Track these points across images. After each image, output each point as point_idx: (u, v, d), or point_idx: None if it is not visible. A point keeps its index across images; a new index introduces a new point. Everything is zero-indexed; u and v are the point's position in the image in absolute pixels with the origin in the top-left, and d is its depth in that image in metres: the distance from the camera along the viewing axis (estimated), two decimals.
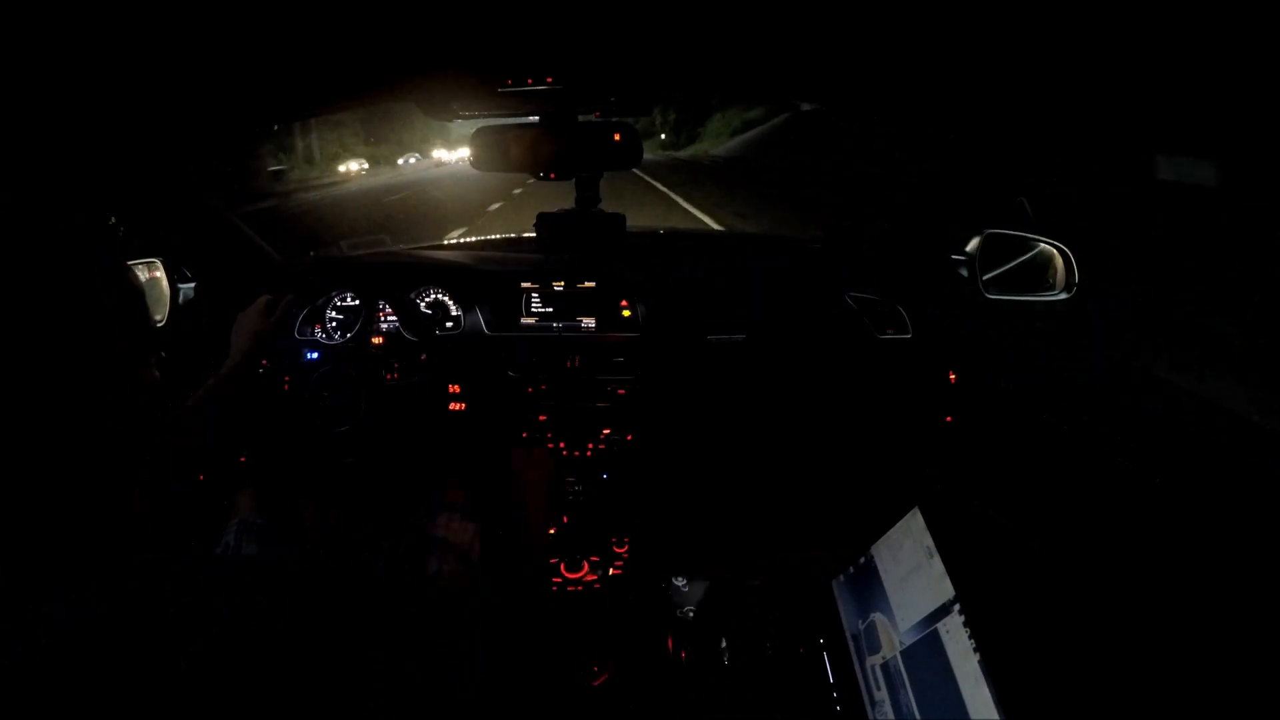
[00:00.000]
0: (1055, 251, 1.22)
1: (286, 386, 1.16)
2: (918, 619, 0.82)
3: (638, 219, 1.55)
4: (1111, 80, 0.70)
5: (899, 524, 0.92)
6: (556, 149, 1.07)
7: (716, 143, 24.35)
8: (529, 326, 1.34)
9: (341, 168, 23.43)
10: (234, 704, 0.41)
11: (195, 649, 0.41)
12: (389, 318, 1.36)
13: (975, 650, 0.71)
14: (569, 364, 1.31)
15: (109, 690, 0.39)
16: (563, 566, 1.12)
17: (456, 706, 0.54)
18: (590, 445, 1.34)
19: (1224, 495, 0.72)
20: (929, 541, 0.84)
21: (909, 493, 0.90)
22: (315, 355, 1.19)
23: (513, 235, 1.71)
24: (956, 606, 0.76)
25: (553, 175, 1.11)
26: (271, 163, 17.94)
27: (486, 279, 1.36)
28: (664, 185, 12.83)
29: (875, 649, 0.88)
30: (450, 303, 1.38)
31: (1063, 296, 1.20)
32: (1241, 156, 0.75)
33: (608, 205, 1.18)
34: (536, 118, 1.07)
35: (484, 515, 1.20)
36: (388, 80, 0.92)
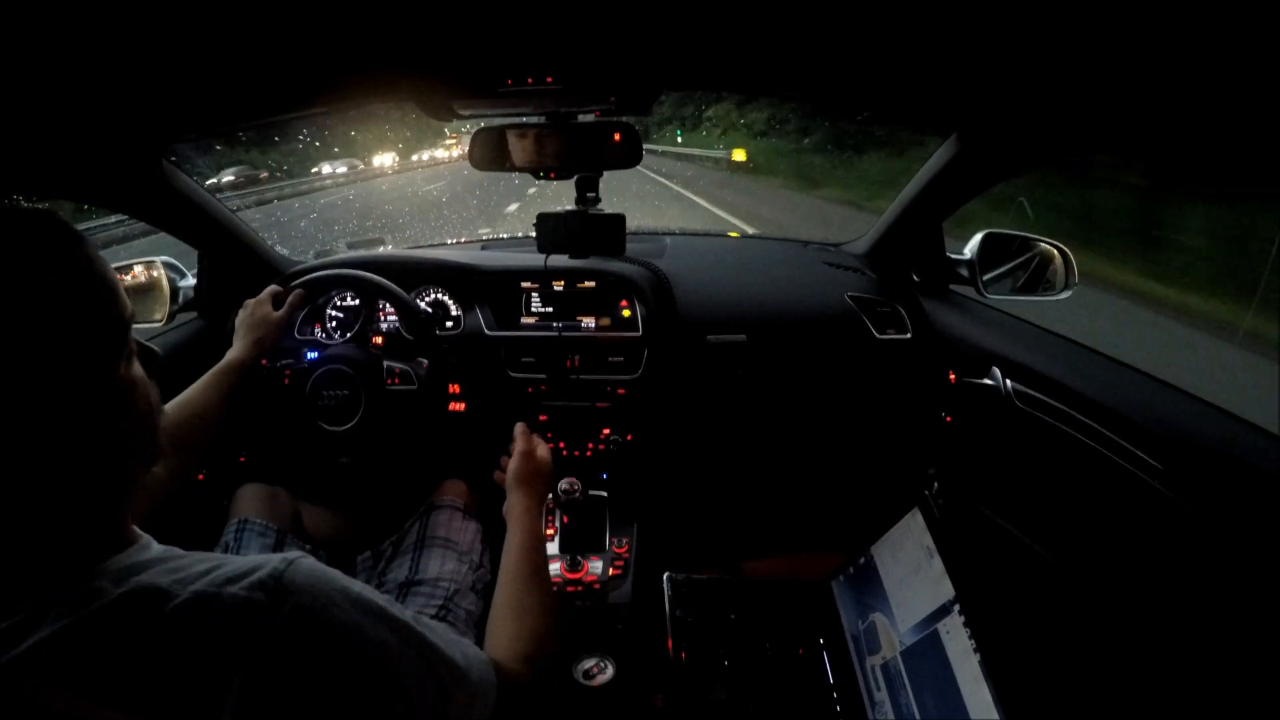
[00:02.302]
0: (1054, 251, 1.22)
1: (286, 384, 1.16)
2: (918, 619, 0.82)
3: None
4: (1112, 79, 0.70)
5: (899, 524, 0.92)
6: (556, 149, 1.07)
7: None
8: (529, 326, 1.34)
9: None
10: (235, 699, 0.40)
11: (195, 641, 0.41)
12: (389, 317, 1.36)
13: (975, 650, 0.72)
14: (569, 364, 1.31)
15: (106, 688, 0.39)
16: (563, 566, 1.12)
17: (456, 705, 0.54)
18: (590, 445, 1.34)
19: (1224, 496, 0.72)
20: (929, 541, 0.85)
21: (908, 493, 0.90)
22: (315, 355, 1.19)
23: (513, 235, 1.71)
24: (956, 607, 0.76)
25: (552, 175, 1.11)
26: None
27: (487, 279, 1.36)
28: None
29: (875, 649, 0.89)
30: (450, 302, 1.38)
31: (1062, 296, 1.21)
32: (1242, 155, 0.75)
33: None
34: (536, 118, 1.07)
35: (484, 515, 1.20)
36: (386, 80, 0.92)
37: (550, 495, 1.20)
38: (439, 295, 1.38)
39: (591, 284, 1.33)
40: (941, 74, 0.85)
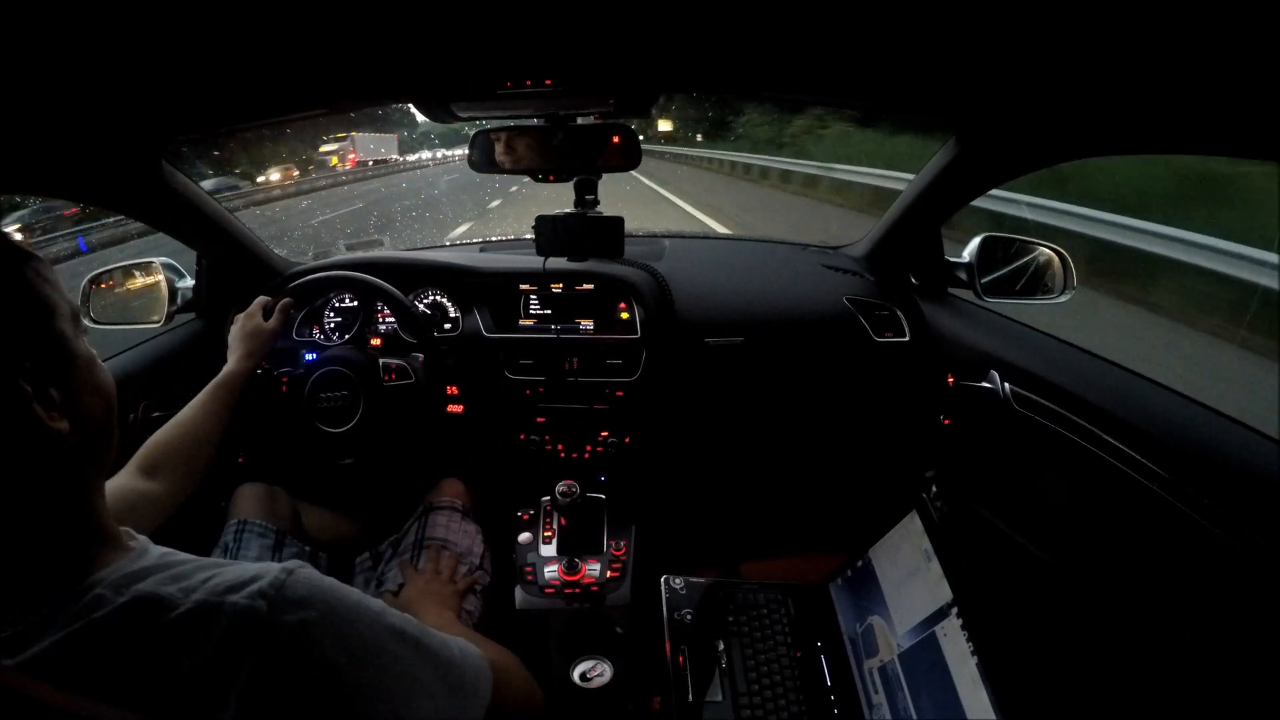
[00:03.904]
0: (1053, 255, 1.22)
1: (284, 388, 1.15)
2: (915, 622, 0.82)
3: None
4: (1113, 79, 0.70)
5: (897, 527, 0.92)
6: (555, 151, 1.07)
7: None
8: (527, 328, 1.34)
9: None
10: (235, 707, 0.40)
11: (198, 650, 0.41)
12: (387, 319, 1.36)
13: (973, 653, 0.72)
14: (567, 366, 1.31)
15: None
16: (560, 569, 1.12)
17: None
18: (588, 447, 1.34)
19: (1222, 499, 0.72)
20: (926, 544, 0.84)
21: (907, 495, 0.90)
22: (313, 356, 1.19)
23: (512, 237, 1.71)
24: (954, 609, 0.76)
25: (551, 178, 1.11)
26: None
27: (485, 281, 1.36)
28: None
29: (873, 652, 0.88)
30: (449, 304, 1.38)
31: (1060, 300, 1.21)
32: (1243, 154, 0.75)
33: None
34: (536, 120, 1.07)
35: (484, 516, 1.20)
36: (386, 80, 0.92)
37: (548, 498, 1.20)
38: (437, 297, 1.38)
39: (590, 286, 1.33)
40: (941, 75, 0.85)
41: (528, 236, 1.43)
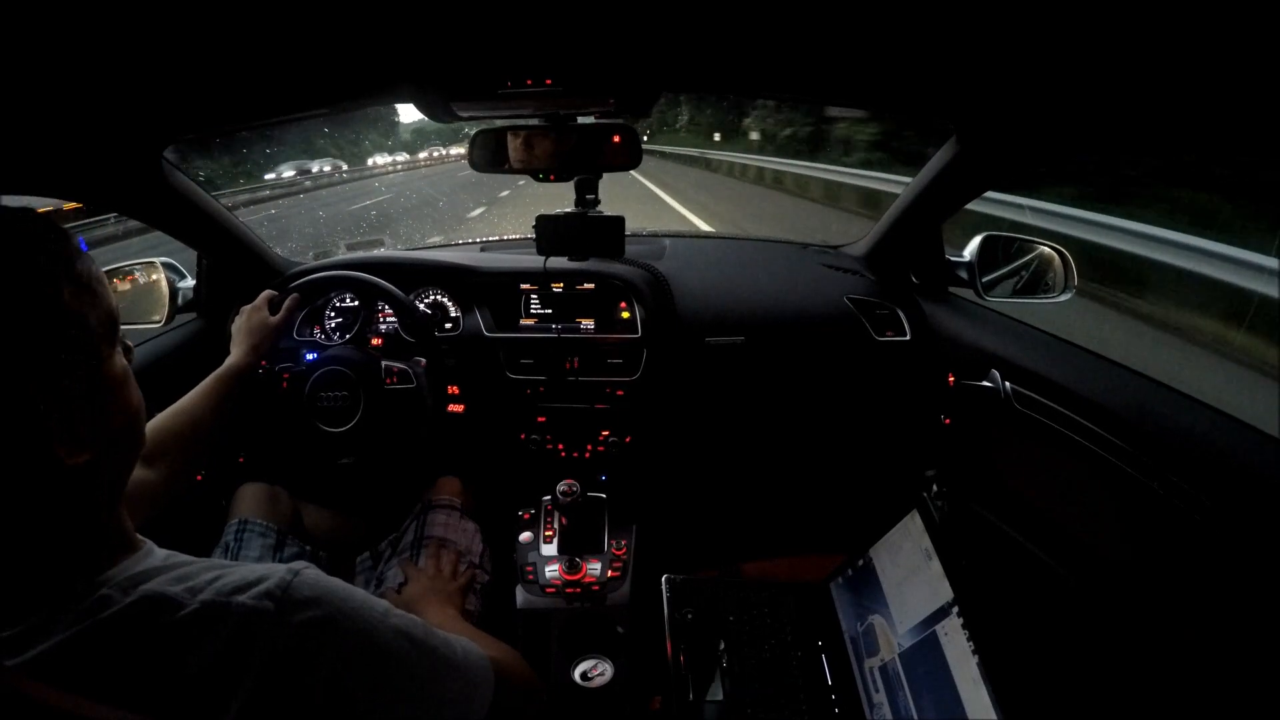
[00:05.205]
0: (1054, 254, 1.22)
1: (285, 386, 1.15)
2: (916, 621, 0.82)
3: None
4: (1112, 78, 0.70)
5: (897, 526, 0.92)
6: (556, 150, 1.07)
7: None
8: (528, 328, 1.34)
9: None
10: (240, 706, 0.40)
11: (205, 650, 0.41)
12: (388, 319, 1.36)
13: (974, 652, 0.72)
14: (568, 365, 1.31)
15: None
16: (561, 568, 1.12)
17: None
18: (589, 447, 1.34)
19: (1223, 499, 0.72)
20: (927, 543, 0.85)
21: (907, 495, 0.90)
22: (313, 356, 1.19)
23: (512, 237, 1.71)
24: (955, 609, 0.76)
25: (552, 177, 1.11)
26: None
27: (486, 280, 1.36)
28: None
29: (873, 651, 0.88)
30: (449, 304, 1.38)
31: (1061, 299, 1.21)
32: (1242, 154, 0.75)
33: None
34: (536, 119, 1.07)
35: (482, 514, 1.21)
36: (386, 80, 0.92)
37: (549, 498, 1.20)
38: (438, 296, 1.38)
39: (590, 286, 1.33)
40: (941, 74, 0.85)
41: (529, 236, 1.43)
